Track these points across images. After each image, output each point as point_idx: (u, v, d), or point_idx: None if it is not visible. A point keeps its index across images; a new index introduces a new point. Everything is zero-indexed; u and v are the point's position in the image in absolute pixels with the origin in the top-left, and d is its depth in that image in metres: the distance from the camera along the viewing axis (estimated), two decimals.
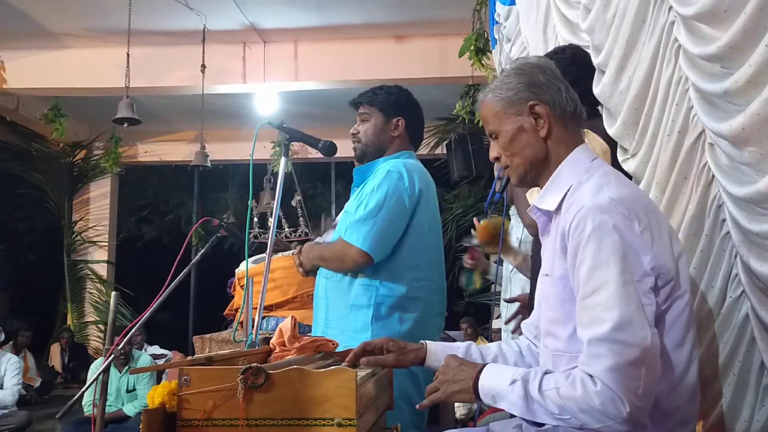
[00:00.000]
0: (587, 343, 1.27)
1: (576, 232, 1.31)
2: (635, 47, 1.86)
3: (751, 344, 1.50)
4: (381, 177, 2.25)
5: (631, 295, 1.25)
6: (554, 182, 1.45)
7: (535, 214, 1.51)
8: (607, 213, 1.29)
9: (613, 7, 1.95)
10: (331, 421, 1.34)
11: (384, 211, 2.19)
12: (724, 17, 1.36)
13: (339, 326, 2.25)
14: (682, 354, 1.35)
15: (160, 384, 1.41)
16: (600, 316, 1.26)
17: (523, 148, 1.47)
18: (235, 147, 9.15)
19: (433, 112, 6.96)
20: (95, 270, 9.54)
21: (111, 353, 2.28)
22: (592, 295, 1.27)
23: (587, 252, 1.29)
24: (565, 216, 1.37)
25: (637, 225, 1.29)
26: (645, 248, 1.29)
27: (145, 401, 5.08)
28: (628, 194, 1.35)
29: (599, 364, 1.24)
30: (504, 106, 1.47)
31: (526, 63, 1.52)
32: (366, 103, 2.41)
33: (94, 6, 6.21)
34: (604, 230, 1.28)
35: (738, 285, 1.53)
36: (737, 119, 1.32)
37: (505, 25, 3.82)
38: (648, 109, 1.83)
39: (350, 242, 2.19)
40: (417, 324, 2.24)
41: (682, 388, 1.36)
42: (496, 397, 1.37)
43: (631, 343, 1.23)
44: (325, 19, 6.50)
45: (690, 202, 1.67)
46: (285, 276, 3.22)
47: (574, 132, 1.48)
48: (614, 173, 1.45)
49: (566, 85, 1.48)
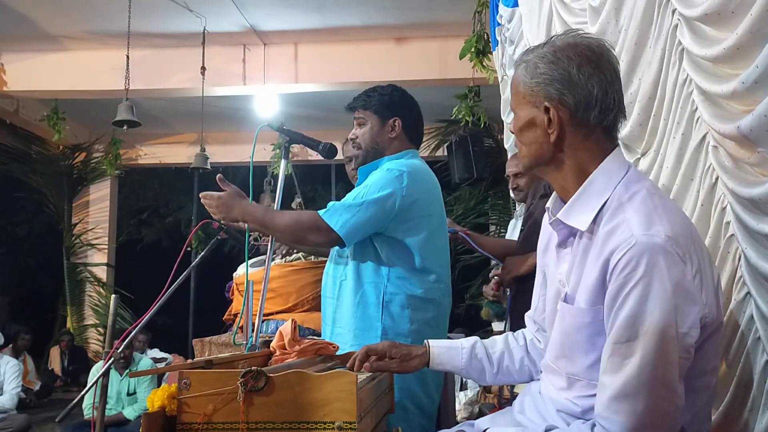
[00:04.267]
0: (614, 395, 1.19)
1: (624, 270, 1.18)
2: (644, 50, 1.86)
3: (755, 346, 1.50)
4: (382, 172, 2.24)
5: (671, 352, 1.16)
6: (584, 195, 1.30)
7: (557, 226, 1.38)
8: (663, 255, 1.16)
9: (625, 10, 1.95)
10: (332, 424, 1.33)
11: (371, 206, 2.15)
12: (730, 18, 1.36)
13: (347, 324, 2.23)
14: (707, 381, 1.30)
15: (160, 387, 1.40)
16: (630, 370, 1.17)
17: (530, 143, 1.35)
18: (235, 149, 9.16)
19: (433, 114, 6.95)
20: (95, 273, 9.53)
21: (111, 356, 2.27)
22: (627, 342, 1.17)
23: (633, 295, 1.17)
24: (606, 242, 1.23)
25: (690, 268, 1.18)
26: (696, 296, 1.19)
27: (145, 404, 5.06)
28: (680, 226, 1.22)
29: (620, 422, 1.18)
30: (524, 90, 1.34)
31: (571, 48, 1.30)
32: (360, 107, 2.38)
33: (94, 8, 6.20)
34: (656, 276, 1.16)
35: (742, 287, 1.52)
36: (745, 121, 1.31)
37: (508, 27, 3.82)
38: (656, 110, 1.83)
39: (328, 222, 2.13)
40: (426, 326, 2.23)
41: (702, 414, 1.33)
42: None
43: (656, 404, 1.16)
44: (326, 21, 6.50)
45: (695, 204, 1.67)
46: (283, 284, 3.21)
47: (601, 139, 1.31)
48: (657, 190, 1.31)
49: (604, 89, 1.28)
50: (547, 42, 1.35)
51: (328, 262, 2.40)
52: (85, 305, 9.48)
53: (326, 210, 2.17)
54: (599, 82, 1.28)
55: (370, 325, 2.19)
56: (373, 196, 2.16)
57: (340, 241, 2.15)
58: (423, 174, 2.30)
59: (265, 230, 2.24)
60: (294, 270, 3.23)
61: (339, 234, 2.13)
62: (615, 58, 1.32)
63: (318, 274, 2.47)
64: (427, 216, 2.25)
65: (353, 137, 2.39)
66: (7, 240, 11.38)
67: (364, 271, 2.24)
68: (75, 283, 9.43)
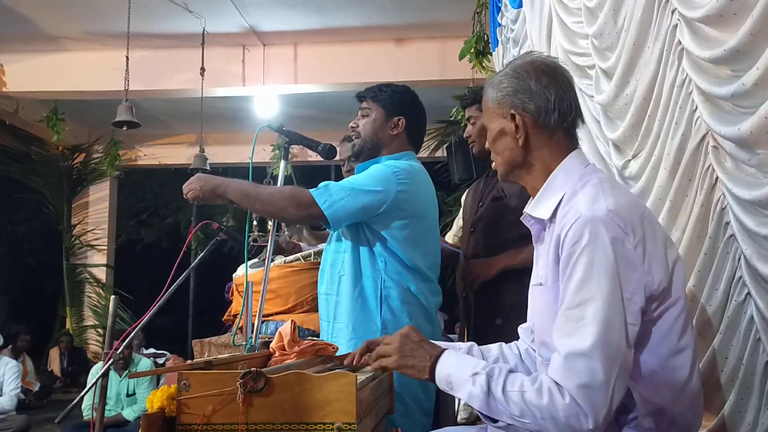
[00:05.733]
0: (564, 355, 1.27)
1: (571, 242, 1.30)
2: (642, 50, 1.86)
3: (755, 347, 1.49)
4: (381, 166, 2.25)
5: (617, 314, 1.26)
6: (547, 190, 1.45)
7: (528, 222, 1.51)
8: (604, 225, 1.28)
9: (624, 10, 1.95)
10: (331, 425, 1.33)
11: (364, 195, 2.15)
12: (732, 20, 1.36)
13: (347, 319, 2.22)
14: (683, 359, 1.34)
15: (159, 388, 1.40)
16: (582, 331, 1.26)
17: (503, 150, 1.50)
18: (234, 150, 9.16)
19: (433, 114, 6.88)
20: (94, 274, 9.53)
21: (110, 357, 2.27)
22: (577, 307, 1.27)
23: (580, 264, 1.28)
24: (560, 224, 1.36)
25: (632, 239, 1.29)
26: (637, 264, 1.29)
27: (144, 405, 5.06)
28: (625, 203, 1.34)
29: (573, 379, 1.25)
30: (493, 105, 1.51)
31: (525, 64, 1.50)
32: (370, 98, 2.38)
33: (94, 9, 6.21)
34: (599, 244, 1.27)
35: (742, 288, 1.52)
36: (746, 123, 1.32)
37: (513, 28, 3.81)
38: (652, 111, 1.83)
39: (316, 199, 2.12)
40: (423, 321, 2.23)
41: (686, 394, 1.35)
42: (453, 385, 1.37)
43: (608, 364, 1.24)
44: (325, 21, 6.50)
45: (694, 204, 1.66)
46: (283, 285, 3.21)
47: (563, 140, 1.47)
48: (609, 180, 1.45)
49: (560, 96, 1.45)
50: (508, 65, 1.55)
51: (323, 259, 2.41)
52: (84, 306, 9.48)
53: (317, 188, 2.16)
54: (556, 90, 1.45)
55: (369, 318, 2.19)
56: (367, 186, 2.16)
57: (323, 219, 2.14)
58: (419, 175, 2.30)
59: (246, 200, 2.16)
60: (293, 271, 3.23)
61: (325, 213, 2.11)
62: (568, 72, 1.51)
63: (317, 275, 2.46)
64: (419, 218, 2.25)
65: (354, 125, 2.39)
66: (6, 240, 11.38)
67: (363, 265, 2.24)
68: (74, 283, 9.43)
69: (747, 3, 1.32)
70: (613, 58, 2.04)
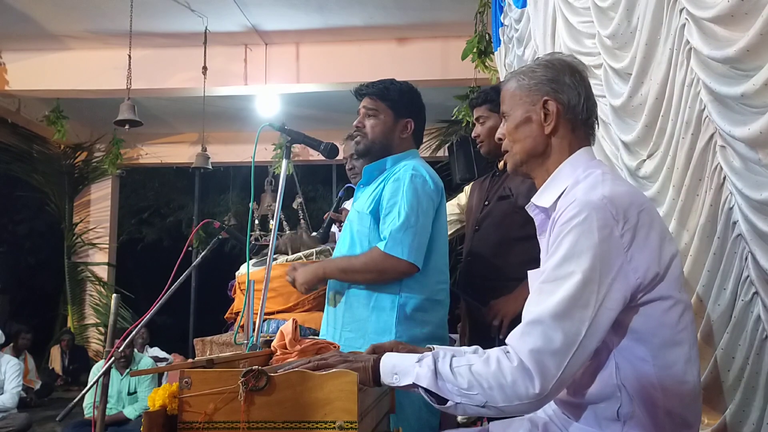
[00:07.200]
0: (525, 322, 1.29)
1: (561, 221, 1.33)
2: (655, 50, 1.86)
3: (761, 347, 1.49)
4: (406, 180, 2.19)
5: (590, 294, 1.26)
6: (554, 180, 1.48)
7: (533, 211, 1.54)
8: (596, 210, 1.30)
9: (637, 10, 1.94)
10: (333, 424, 1.32)
11: (420, 218, 2.15)
12: (743, 19, 1.35)
13: (358, 329, 2.20)
14: (678, 354, 1.34)
15: (161, 386, 1.40)
16: (546, 301, 1.27)
17: (525, 138, 1.50)
18: (236, 149, 9.15)
19: (435, 114, 6.92)
20: (96, 272, 9.53)
21: (111, 356, 2.27)
22: (554, 281, 1.29)
23: (565, 242, 1.30)
24: (558, 211, 1.40)
25: (621, 226, 1.30)
26: (620, 251, 1.29)
27: (145, 404, 5.07)
28: (623, 192, 1.35)
29: (527, 342, 1.26)
30: (521, 92, 1.51)
31: (560, 59, 1.53)
32: (377, 97, 2.34)
33: (96, 8, 6.21)
34: (586, 226, 1.29)
35: (749, 288, 1.51)
36: (756, 123, 1.31)
37: (517, 27, 3.80)
38: (665, 111, 1.82)
39: (394, 254, 2.12)
40: (436, 327, 2.22)
41: (682, 391, 1.34)
42: (400, 374, 1.36)
43: (567, 337, 1.24)
44: (327, 21, 6.50)
45: (704, 204, 1.66)
46: (284, 284, 3.20)
47: (581, 136, 1.50)
48: (613, 173, 1.46)
49: (588, 95, 1.50)
50: (536, 60, 1.57)
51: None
52: (85, 304, 9.48)
53: (385, 242, 2.14)
54: (584, 89, 1.50)
55: (385, 329, 2.16)
56: (415, 208, 2.15)
57: (413, 267, 2.14)
58: (434, 176, 2.29)
59: (345, 275, 2.25)
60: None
61: (408, 260, 2.11)
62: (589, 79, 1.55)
63: None
64: (436, 219, 2.24)
65: (360, 125, 2.35)
66: (8, 239, 11.38)
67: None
68: (76, 282, 9.43)
69: (758, 2, 1.32)
70: (627, 59, 2.02)
